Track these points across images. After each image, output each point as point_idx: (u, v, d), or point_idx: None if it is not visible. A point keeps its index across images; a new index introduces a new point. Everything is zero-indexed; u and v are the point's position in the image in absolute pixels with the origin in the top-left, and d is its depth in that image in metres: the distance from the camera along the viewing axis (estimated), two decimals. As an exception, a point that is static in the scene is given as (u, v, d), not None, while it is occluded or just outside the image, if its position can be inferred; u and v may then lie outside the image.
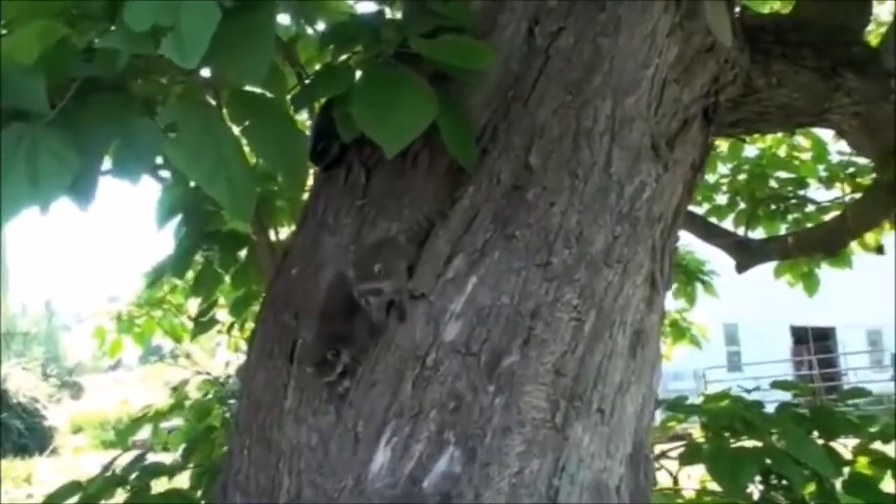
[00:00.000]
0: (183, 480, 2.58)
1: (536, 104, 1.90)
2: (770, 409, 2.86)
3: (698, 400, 3.14)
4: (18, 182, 1.15)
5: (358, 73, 1.75)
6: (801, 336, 23.17)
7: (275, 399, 1.97)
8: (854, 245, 4.92)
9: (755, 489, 2.62)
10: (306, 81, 1.81)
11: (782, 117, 2.95)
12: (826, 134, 5.30)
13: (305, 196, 2.25)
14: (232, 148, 1.31)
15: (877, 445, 2.74)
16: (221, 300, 3.28)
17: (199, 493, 2.45)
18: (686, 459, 2.53)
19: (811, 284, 5.47)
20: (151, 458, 2.57)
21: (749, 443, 2.65)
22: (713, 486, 3.06)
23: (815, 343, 22.39)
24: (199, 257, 2.77)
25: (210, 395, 2.93)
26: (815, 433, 2.67)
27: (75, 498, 2.16)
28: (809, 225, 5.19)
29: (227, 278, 2.84)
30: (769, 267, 5.24)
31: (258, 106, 1.42)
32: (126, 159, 1.28)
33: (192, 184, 2.46)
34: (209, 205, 2.57)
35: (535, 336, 1.70)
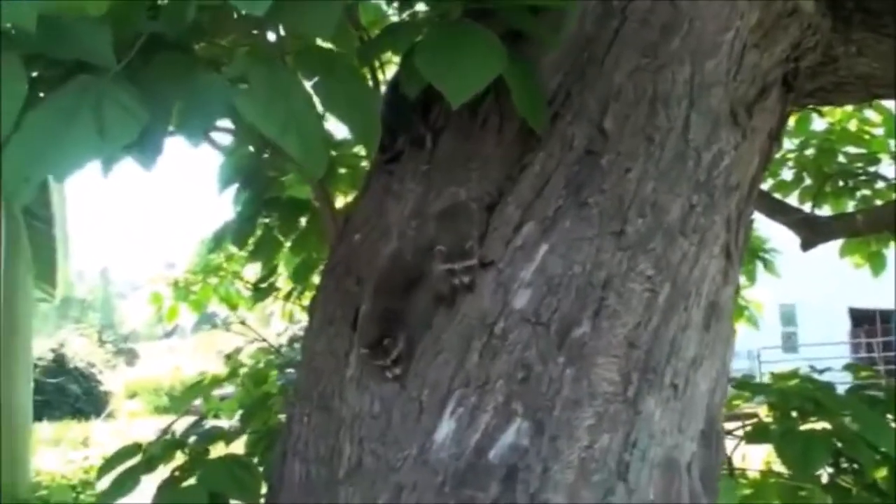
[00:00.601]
0: (239, 447, 2.57)
1: (612, 67, 1.83)
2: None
3: (764, 379, 3.05)
4: (85, 133, 1.11)
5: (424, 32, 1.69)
6: (860, 318, 22.70)
7: (336, 366, 1.94)
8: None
9: (824, 472, 2.53)
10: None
11: (861, 88, 2.82)
12: (897, 108, 5.12)
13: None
14: (303, 101, 1.26)
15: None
16: (280, 268, 3.27)
17: (255, 459, 2.44)
18: (752, 439, 2.45)
19: (878, 265, 5.31)
20: (208, 424, 2.57)
21: (818, 425, 2.57)
22: (777, 466, 2.98)
23: (873, 326, 21.92)
24: (258, 224, 2.75)
25: (264, 363, 2.90)
26: (889, 417, 2.58)
27: (135, 459, 2.16)
28: (879, 202, 5.02)
29: (287, 245, 2.81)
30: (828, 247, 5.08)
31: (328, 62, 1.37)
32: (193, 115, 1.25)
33: (253, 149, 2.43)
34: (271, 170, 2.54)
35: (606, 307, 1.63)
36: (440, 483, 1.57)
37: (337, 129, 2.70)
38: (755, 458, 3.06)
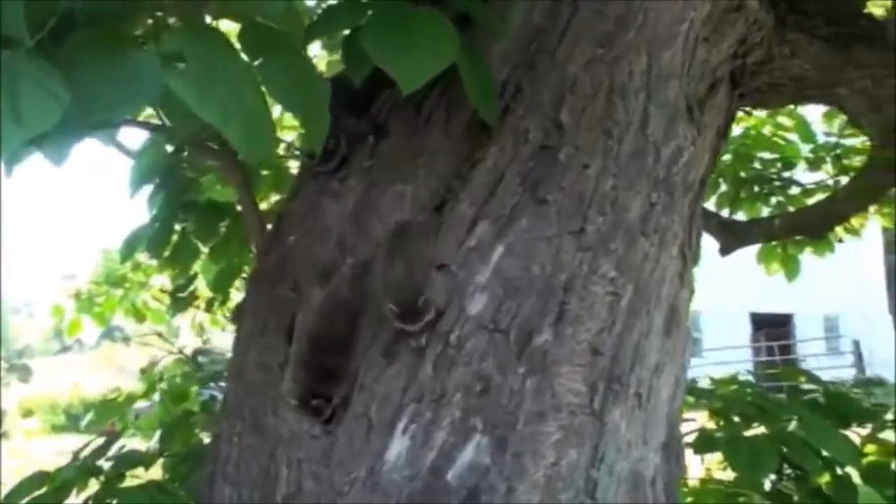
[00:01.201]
0: (156, 470, 2.38)
1: (565, 57, 1.72)
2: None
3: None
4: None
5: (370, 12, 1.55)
6: (760, 323, 23.37)
7: (269, 380, 1.78)
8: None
9: (766, 479, 2.48)
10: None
11: (794, 90, 2.80)
12: (811, 114, 5.20)
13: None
14: (248, 81, 1.11)
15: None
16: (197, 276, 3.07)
17: (176, 484, 2.25)
18: (700, 448, 2.38)
19: (792, 270, 5.37)
20: (120, 445, 2.37)
21: (758, 430, 2.53)
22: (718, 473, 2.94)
23: (773, 329, 22.59)
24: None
25: (182, 378, 2.70)
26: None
27: (42, 489, 1.94)
28: (792, 208, 5.08)
29: (205, 252, 2.63)
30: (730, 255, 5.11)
31: (274, 41, 1.22)
32: (121, 98, 1.08)
33: (171, 146, 2.25)
34: (189, 171, 2.35)
35: (568, 311, 1.52)
36: (394, 507, 1.44)
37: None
38: (694, 465, 3.00)
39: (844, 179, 4.97)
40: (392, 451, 1.48)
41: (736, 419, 2.61)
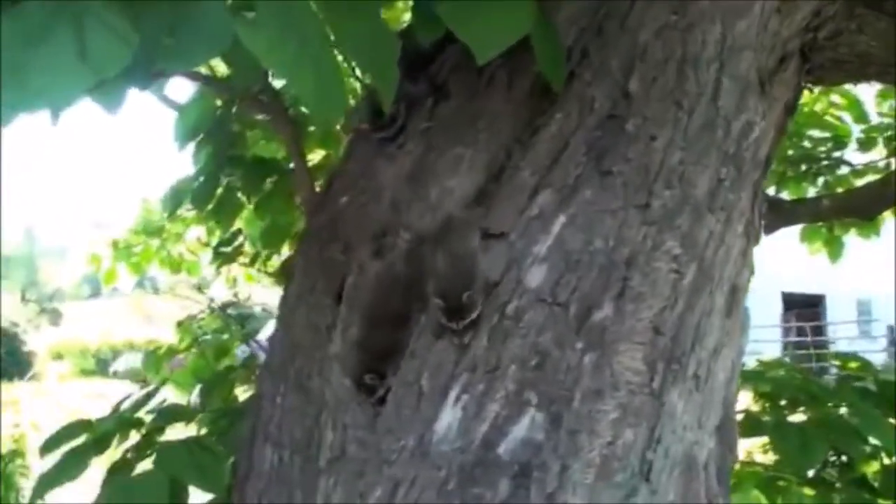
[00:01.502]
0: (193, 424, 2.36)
1: (636, 24, 1.65)
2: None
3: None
4: (61, 56, 0.90)
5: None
6: (791, 303, 23.13)
7: (316, 341, 1.75)
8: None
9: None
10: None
11: (857, 67, 2.69)
12: (864, 93, 5.07)
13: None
14: (319, 34, 1.06)
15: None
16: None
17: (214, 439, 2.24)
18: (746, 431, 2.33)
19: (836, 251, 5.28)
20: (160, 398, 2.36)
21: (803, 415, 2.47)
22: (758, 456, 2.89)
23: (804, 310, 22.35)
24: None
25: (228, 334, 2.67)
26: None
27: (82, 438, 1.93)
28: (840, 189, 4.97)
29: (249, 207, 2.59)
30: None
31: (346, -4, 1.16)
32: (190, 45, 1.03)
33: (219, 102, 2.20)
34: (237, 124, 2.31)
35: (630, 288, 1.47)
36: (443, 479, 1.40)
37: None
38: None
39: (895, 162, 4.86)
40: (442, 422, 1.44)
41: (783, 403, 2.55)
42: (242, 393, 2.37)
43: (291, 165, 2.49)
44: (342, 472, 1.60)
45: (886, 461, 2.45)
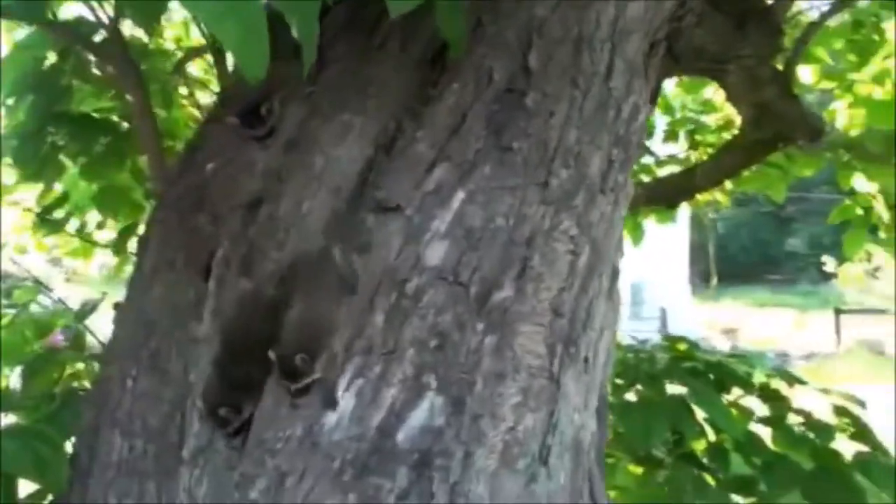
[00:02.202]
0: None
1: (532, -1, 1.60)
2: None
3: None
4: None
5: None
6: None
7: (176, 320, 1.59)
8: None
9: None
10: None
11: (691, 61, 2.81)
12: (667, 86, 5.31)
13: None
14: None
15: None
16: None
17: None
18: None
19: (638, 237, 5.53)
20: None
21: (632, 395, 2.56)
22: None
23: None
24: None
25: (50, 312, 2.38)
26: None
27: None
28: (644, 178, 5.20)
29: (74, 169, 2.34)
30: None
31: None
32: None
33: (49, 53, 1.97)
34: (70, 78, 2.07)
35: (531, 268, 1.42)
36: (337, 470, 1.30)
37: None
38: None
39: (694, 155, 5.14)
40: (336, 409, 1.34)
41: (618, 382, 2.62)
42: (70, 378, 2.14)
43: (126, 126, 2.28)
44: (210, 463, 1.46)
45: (712, 438, 2.57)
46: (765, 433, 2.56)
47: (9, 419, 1.88)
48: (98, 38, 1.96)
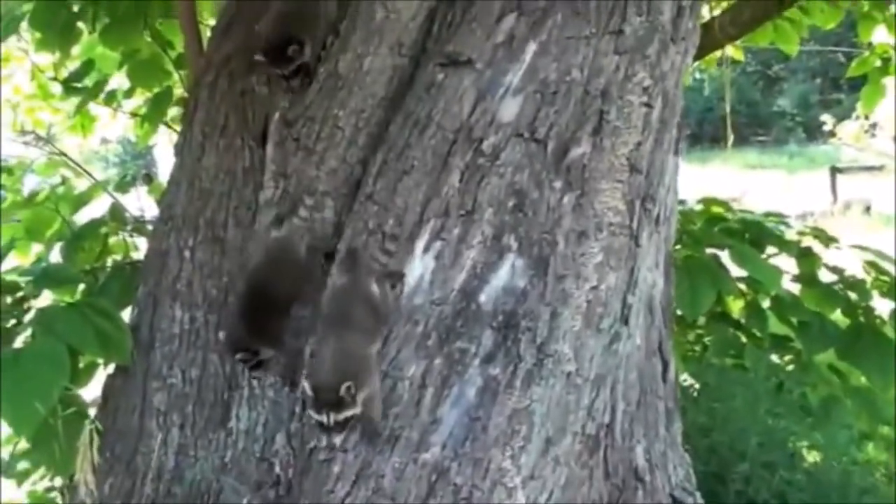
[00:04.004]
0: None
1: None
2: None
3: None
4: None
5: None
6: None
7: (232, 187, 1.54)
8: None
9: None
10: None
11: None
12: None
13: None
14: None
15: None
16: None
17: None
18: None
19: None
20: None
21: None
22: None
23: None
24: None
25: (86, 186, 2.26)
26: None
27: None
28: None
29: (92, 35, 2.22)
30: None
31: None
32: None
33: None
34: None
35: (607, 122, 1.36)
36: (421, 334, 1.27)
37: None
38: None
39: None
40: (414, 272, 1.30)
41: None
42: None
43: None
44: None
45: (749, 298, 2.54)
46: (797, 291, 2.55)
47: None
48: None
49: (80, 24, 2.20)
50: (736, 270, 2.38)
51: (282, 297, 1.41)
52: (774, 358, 2.48)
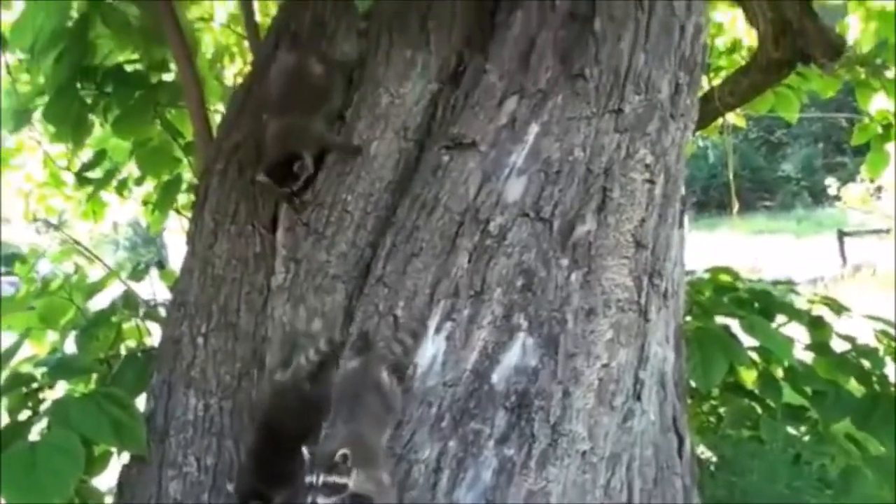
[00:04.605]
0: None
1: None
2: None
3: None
4: None
5: None
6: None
7: (243, 273, 1.55)
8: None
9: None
10: None
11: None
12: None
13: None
14: None
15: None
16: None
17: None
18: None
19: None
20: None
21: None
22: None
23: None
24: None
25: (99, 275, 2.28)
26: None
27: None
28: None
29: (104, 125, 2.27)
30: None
31: None
32: None
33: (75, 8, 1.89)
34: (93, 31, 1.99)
35: (611, 199, 1.38)
36: (435, 416, 1.27)
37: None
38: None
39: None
40: (426, 353, 1.31)
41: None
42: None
43: (157, 78, 2.20)
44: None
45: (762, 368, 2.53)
46: (809, 360, 2.53)
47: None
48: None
49: (92, 116, 2.25)
50: (747, 340, 2.37)
51: (291, 436, 1.39)
52: (790, 429, 2.46)
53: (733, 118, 5.10)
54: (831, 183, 12.50)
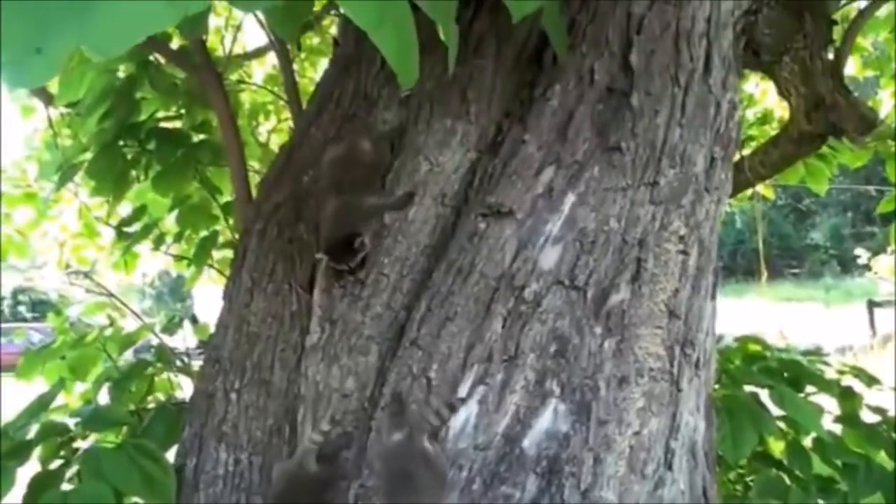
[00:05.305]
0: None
1: (629, -4, 1.58)
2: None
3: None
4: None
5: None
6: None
7: (279, 331, 1.58)
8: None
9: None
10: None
11: (749, 54, 2.78)
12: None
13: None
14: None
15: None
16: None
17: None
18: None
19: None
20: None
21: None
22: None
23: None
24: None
25: (134, 328, 2.34)
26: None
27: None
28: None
29: (145, 181, 2.33)
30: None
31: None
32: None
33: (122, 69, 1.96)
34: (144, 91, 2.06)
35: (645, 269, 1.40)
36: (466, 480, 1.28)
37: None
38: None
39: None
40: (459, 417, 1.32)
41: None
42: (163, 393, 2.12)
43: (196, 139, 2.27)
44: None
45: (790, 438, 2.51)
46: (838, 431, 2.51)
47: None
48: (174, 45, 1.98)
49: (133, 172, 2.31)
50: (775, 408, 2.36)
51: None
52: (821, 501, 2.43)
53: (762, 188, 5.12)
54: (861, 252, 12.46)
